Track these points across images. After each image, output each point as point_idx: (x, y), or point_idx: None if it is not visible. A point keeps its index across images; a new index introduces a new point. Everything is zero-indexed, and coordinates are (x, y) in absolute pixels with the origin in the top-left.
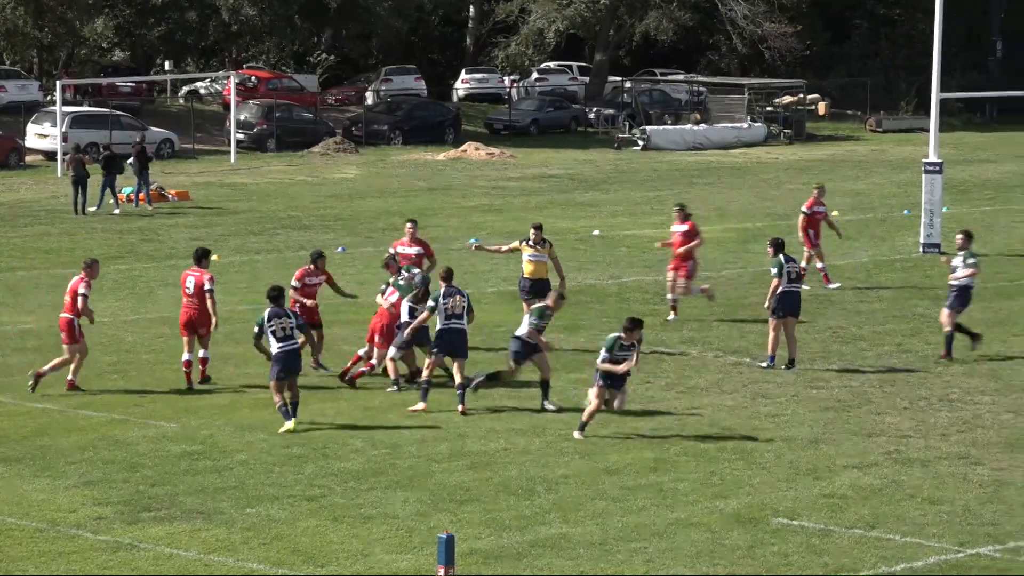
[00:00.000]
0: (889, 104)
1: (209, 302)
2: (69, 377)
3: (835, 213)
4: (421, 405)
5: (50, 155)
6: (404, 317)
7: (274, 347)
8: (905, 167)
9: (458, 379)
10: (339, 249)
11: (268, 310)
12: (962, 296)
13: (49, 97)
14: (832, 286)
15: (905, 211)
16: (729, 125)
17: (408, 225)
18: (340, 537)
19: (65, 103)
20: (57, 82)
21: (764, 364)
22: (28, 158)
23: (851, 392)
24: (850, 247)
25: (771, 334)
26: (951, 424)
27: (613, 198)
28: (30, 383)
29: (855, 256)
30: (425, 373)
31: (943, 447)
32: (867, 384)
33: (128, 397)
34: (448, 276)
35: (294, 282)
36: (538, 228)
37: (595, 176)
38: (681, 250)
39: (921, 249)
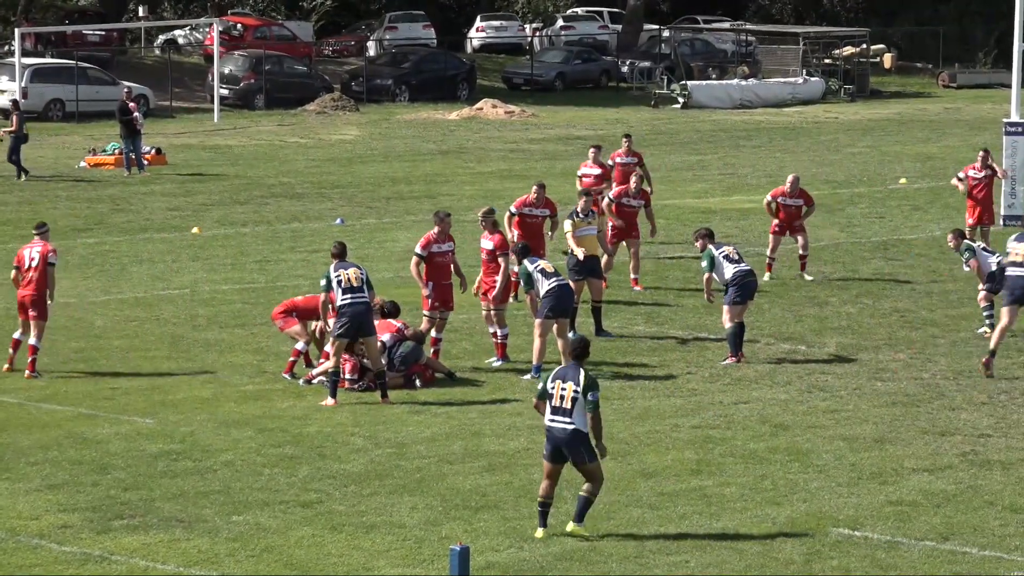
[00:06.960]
0: (964, 56)
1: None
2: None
3: (903, 180)
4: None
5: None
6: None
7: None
8: (983, 128)
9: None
10: (337, 221)
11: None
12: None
13: (7, 47)
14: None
15: None
16: (782, 80)
17: (535, 189)
18: (339, 549)
19: (25, 54)
20: (15, 30)
21: (527, 376)
22: None
23: (921, 385)
24: (920, 219)
25: (537, 341)
26: None
27: (649, 163)
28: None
29: (926, 229)
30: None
31: None
32: (939, 376)
33: (97, 389)
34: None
35: (419, 250)
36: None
37: None
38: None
39: (1002, 221)
